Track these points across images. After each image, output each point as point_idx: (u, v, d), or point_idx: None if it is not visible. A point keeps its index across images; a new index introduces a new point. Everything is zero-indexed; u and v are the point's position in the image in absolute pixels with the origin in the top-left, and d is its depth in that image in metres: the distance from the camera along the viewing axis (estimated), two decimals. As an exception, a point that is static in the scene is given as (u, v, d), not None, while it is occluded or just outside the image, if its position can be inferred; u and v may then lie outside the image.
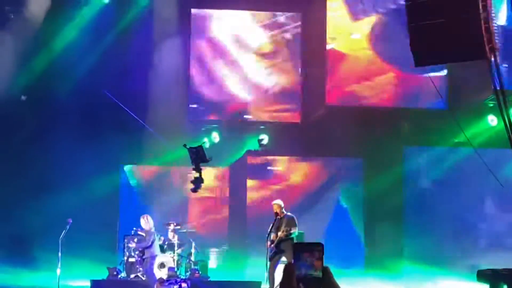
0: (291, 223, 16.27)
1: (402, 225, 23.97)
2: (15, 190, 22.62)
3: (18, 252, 20.65)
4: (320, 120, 23.79)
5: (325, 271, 3.12)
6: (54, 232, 19.09)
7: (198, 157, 18.09)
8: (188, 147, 17.79)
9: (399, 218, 23.95)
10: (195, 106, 24.52)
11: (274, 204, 16.55)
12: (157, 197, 24.64)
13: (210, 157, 17.96)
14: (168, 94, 23.35)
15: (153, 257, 18.93)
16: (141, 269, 20.46)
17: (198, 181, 18.52)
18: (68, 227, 18.34)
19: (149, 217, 19.14)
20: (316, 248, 3.11)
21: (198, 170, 18.22)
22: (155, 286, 16.92)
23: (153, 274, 18.90)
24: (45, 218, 21.98)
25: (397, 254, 23.54)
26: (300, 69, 24.42)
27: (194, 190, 18.93)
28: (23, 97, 23.45)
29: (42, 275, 20.99)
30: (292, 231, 16.19)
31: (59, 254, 18.26)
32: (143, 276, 19.67)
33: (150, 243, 18.91)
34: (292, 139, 23.50)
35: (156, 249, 19.01)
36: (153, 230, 18.98)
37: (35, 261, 21.51)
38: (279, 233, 16.17)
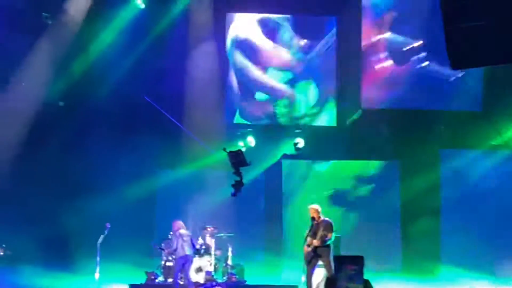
0: (328, 228, 16.22)
1: (439, 228, 23.84)
2: (54, 195, 22.79)
3: (57, 257, 20.80)
4: (356, 123, 23.75)
5: (366, 284, 3.13)
6: (93, 237, 19.24)
7: (238, 161, 18.11)
8: (228, 151, 17.83)
9: (437, 221, 23.82)
10: (230, 110, 24.55)
11: (311, 208, 16.51)
12: (194, 201, 24.70)
13: (250, 161, 17.99)
14: (204, 98, 23.43)
15: (179, 259, 19.04)
16: (178, 273, 20.54)
17: (238, 185, 18.57)
18: (106, 231, 18.47)
19: (177, 221, 19.31)
20: (357, 261, 3.11)
21: (239, 174, 18.24)
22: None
23: (176, 277, 19.08)
24: (84, 223, 22.14)
25: (434, 257, 23.41)
26: (336, 72, 24.38)
27: (234, 194, 18.97)
28: (61, 103, 23.64)
29: (81, 279, 21.12)
30: (328, 237, 16.14)
31: (98, 258, 18.39)
32: (181, 280, 19.78)
33: (175, 246, 19.04)
34: (328, 143, 23.47)
35: (183, 250, 19.08)
36: (179, 233, 19.09)
37: (74, 266, 21.66)
38: (315, 241, 16.13)
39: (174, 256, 19.33)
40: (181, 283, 19.87)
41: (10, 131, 22.24)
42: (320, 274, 17.58)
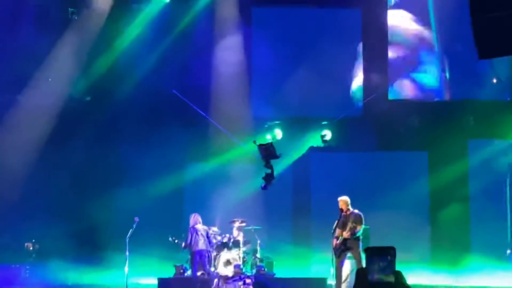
0: (357, 220, 16.14)
1: (469, 218, 23.68)
2: (82, 189, 22.91)
3: (87, 251, 20.90)
4: (383, 114, 23.66)
5: (398, 275, 3.04)
6: (121, 231, 19.31)
7: (269, 154, 18.13)
8: (258, 144, 17.85)
9: (466, 211, 23.67)
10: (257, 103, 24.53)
11: (340, 200, 16.43)
12: (222, 194, 24.71)
13: (280, 153, 18.00)
14: (230, 92, 23.43)
15: (194, 253, 19.12)
16: (208, 266, 20.61)
17: (269, 178, 18.58)
18: (134, 225, 18.52)
19: (193, 215, 19.36)
20: (388, 252, 3.01)
21: (269, 167, 18.25)
22: (219, 283, 16.98)
23: (195, 270, 19.15)
24: (112, 217, 22.23)
25: (464, 247, 23.27)
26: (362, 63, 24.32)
27: (265, 187, 19.01)
28: (87, 98, 23.74)
29: (110, 273, 21.22)
30: (357, 229, 16.06)
31: (127, 252, 18.45)
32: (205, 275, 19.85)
33: (189, 240, 19.11)
34: (355, 134, 23.39)
35: (197, 245, 19.16)
36: (195, 227, 19.15)
37: (103, 260, 21.75)
38: (344, 233, 16.05)
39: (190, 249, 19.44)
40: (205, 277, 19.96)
41: (38, 127, 22.36)
42: (349, 266, 17.55)
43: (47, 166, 22.56)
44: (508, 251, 22.76)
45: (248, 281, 16.79)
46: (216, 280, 18.21)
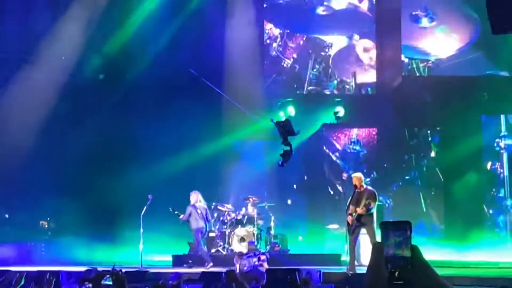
0: (371, 197, 16.14)
1: (481, 195, 23.67)
2: (96, 167, 22.98)
3: (101, 229, 21.02)
4: (396, 91, 23.63)
5: (414, 250, 3.03)
6: (136, 208, 19.41)
7: (286, 131, 18.15)
8: (275, 121, 17.89)
9: (479, 188, 23.65)
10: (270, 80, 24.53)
11: (354, 177, 16.43)
12: (236, 171, 24.77)
13: (298, 130, 18.04)
14: (244, 69, 23.41)
15: (198, 230, 19.21)
16: (221, 243, 20.70)
17: (287, 155, 18.61)
18: (149, 203, 18.59)
19: (194, 193, 19.40)
20: (404, 227, 3.00)
21: (287, 144, 18.28)
22: (234, 260, 17.02)
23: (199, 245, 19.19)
24: (126, 195, 22.33)
25: (477, 224, 23.27)
26: (375, 40, 24.27)
27: (282, 164, 19.03)
28: (100, 76, 23.78)
29: (125, 250, 21.35)
30: (371, 206, 16.07)
31: (141, 230, 18.55)
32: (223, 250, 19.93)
33: (186, 216, 19.20)
34: (368, 111, 23.38)
35: (195, 223, 19.25)
36: (194, 204, 19.21)
37: (118, 237, 21.88)
38: (359, 209, 16.06)
39: (193, 227, 19.46)
40: (224, 252, 20.10)
41: (52, 105, 22.41)
42: (363, 242, 17.58)
43: (61, 144, 22.64)
44: None
45: (262, 257, 16.79)
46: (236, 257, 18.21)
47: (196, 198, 19.61)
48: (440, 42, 24.03)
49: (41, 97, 22.35)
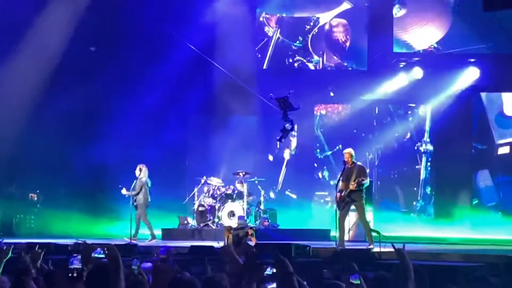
0: (362, 173, 16.12)
1: (472, 174, 23.70)
2: (88, 141, 22.92)
3: (91, 203, 21.00)
4: (387, 67, 23.59)
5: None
6: (126, 182, 19.39)
7: (286, 106, 18.15)
8: (274, 98, 17.90)
9: (468, 166, 23.68)
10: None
11: (345, 152, 16.39)
12: (226, 146, 24.77)
13: (299, 105, 18.05)
14: (237, 44, 23.30)
15: (144, 205, 19.13)
16: (211, 218, 20.72)
17: (287, 131, 18.63)
18: (139, 177, 18.55)
19: (144, 167, 19.31)
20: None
21: (288, 119, 18.29)
22: (223, 234, 17.05)
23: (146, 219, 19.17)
24: (117, 168, 22.30)
25: (465, 201, 23.34)
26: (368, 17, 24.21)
27: (280, 139, 19.08)
28: (92, 48, 23.67)
29: (114, 224, 21.36)
30: (364, 182, 16.06)
31: (131, 203, 18.53)
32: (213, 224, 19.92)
33: (138, 190, 19.10)
34: (358, 87, 23.39)
35: (145, 197, 19.18)
36: (144, 179, 19.15)
37: (108, 211, 21.89)
38: (350, 185, 16.04)
39: (139, 202, 19.30)
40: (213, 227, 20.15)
41: (41, 78, 22.31)
42: (352, 218, 17.61)
43: (52, 117, 22.55)
44: None
45: (251, 231, 16.82)
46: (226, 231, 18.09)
47: (145, 172, 19.45)
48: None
49: (29, 70, 22.21)
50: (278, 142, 20.63)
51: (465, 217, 22.54)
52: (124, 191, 19.21)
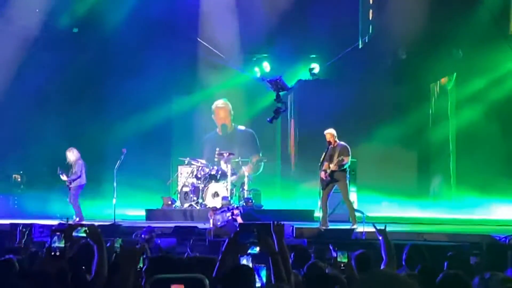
0: (344, 152, 16.15)
1: (454, 151, 23.71)
2: (70, 121, 22.87)
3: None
4: (371, 47, 23.49)
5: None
6: (110, 162, 19.35)
7: (279, 87, 18.14)
8: (267, 80, 17.90)
9: (449, 144, 23.71)
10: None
11: (327, 133, 16.39)
12: (209, 127, 24.77)
13: (292, 86, 18.09)
14: (219, 24, 23.23)
15: (81, 186, 19.08)
16: (195, 198, 20.73)
17: (279, 112, 18.63)
18: (122, 157, 18.51)
19: (74, 149, 19.22)
20: None
21: (280, 100, 18.27)
22: (208, 214, 17.05)
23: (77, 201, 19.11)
24: (100, 148, 22.26)
25: (448, 181, 23.40)
26: None
27: (271, 121, 19.08)
28: (75, 29, 23.54)
29: (98, 204, 21.32)
30: (345, 162, 16.08)
31: (114, 184, 18.50)
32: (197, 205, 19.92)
33: (79, 173, 19.03)
34: (345, 67, 23.28)
35: (82, 179, 19.13)
36: (80, 161, 19.08)
37: (92, 191, 21.82)
38: (331, 165, 16.09)
39: (74, 184, 19.20)
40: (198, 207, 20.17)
41: (23, 56, 22.19)
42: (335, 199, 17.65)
43: (34, 98, 22.47)
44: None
45: (236, 212, 16.83)
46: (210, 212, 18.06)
47: (78, 154, 19.33)
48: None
49: (13, 51, 22.09)
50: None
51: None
52: (64, 177, 19.07)
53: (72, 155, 19.13)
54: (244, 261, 6.45)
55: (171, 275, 3.04)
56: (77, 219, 18.71)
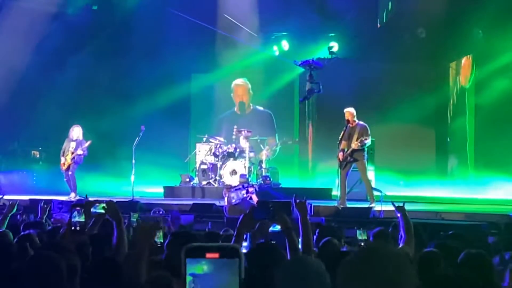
0: (364, 132, 16.10)
1: (473, 131, 23.63)
2: (90, 99, 22.96)
3: (94, 159, 20.95)
4: (390, 27, 23.39)
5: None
6: (129, 140, 19.40)
7: (312, 68, 18.23)
8: (299, 63, 18.00)
9: (470, 124, 23.62)
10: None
11: (346, 111, 16.34)
12: (227, 105, 24.81)
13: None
14: (237, 3, 23.18)
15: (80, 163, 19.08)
16: (213, 176, 20.77)
17: (312, 92, 18.69)
18: (141, 134, 18.56)
19: (79, 126, 19.16)
20: None
21: (313, 81, 18.33)
22: (223, 192, 17.10)
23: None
24: (120, 126, 22.33)
25: (468, 161, 23.33)
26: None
27: (302, 100, 19.14)
28: (94, 7, 23.56)
29: (117, 181, 21.41)
30: (366, 141, 16.04)
31: (133, 161, 18.56)
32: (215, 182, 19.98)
33: (87, 151, 19.03)
34: (363, 46, 23.18)
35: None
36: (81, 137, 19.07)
37: (110, 168, 21.92)
38: (352, 144, 16.03)
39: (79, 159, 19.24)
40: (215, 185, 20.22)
41: (43, 34, 22.22)
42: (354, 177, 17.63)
43: (55, 75, 22.54)
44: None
45: (251, 189, 16.84)
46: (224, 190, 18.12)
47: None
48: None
49: (32, 25, 22.11)
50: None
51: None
52: (80, 151, 19.03)
53: (80, 131, 19.12)
54: None
55: (207, 243, 3.06)
56: (74, 194, 18.73)
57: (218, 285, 2.94)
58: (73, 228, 6.98)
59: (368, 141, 16.12)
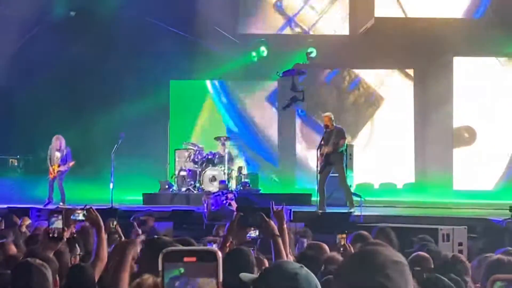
0: (340, 135, 16.18)
1: (451, 138, 23.76)
2: (68, 106, 22.87)
3: (73, 167, 20.86)
4: (369, 32, 23.51)
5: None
6: (107, 147, 19.33)
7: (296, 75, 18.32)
8: (281, 75, 18.15)
9: (450, 130, 23.74)
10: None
11: (325, 116, 16.44)
12: (208, 110, 24.80)
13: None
14: (217, 7, 23.16)
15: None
16: (192, 182, 20.72)
17: (295, 100, 18.74)
18: (120, 141, 18.49)
19: (60, 136, 19.18)
20: None
21: (296, 89, 18.36)
22: (202, 199, 17.12)
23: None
24: (98, 133, 22.25)
25: (447, 168, 23.38)
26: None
27: (284, 108, 19.16)
28: (72, 13, 23.48)
29: (95, 188, 21.30)
30: (341, 144, 16.10)
31: (112, 168, 18.49)
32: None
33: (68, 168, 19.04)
34: (340, 52, 23.27)
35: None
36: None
37: (88, 175, 21.83)
38: (326, 148, 16.10)
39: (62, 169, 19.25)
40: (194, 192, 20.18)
41: (19, 43, 22.14)
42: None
43: (32, 83, 22.44)
44: None
45: (230, 196, 16.89)
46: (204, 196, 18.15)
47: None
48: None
49: (9, 36, 22.03)
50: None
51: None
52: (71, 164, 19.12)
53: (63, 141, 19.09)
54: None
55: (183, 247, 3.06)
56: (62, 203, 18.67)
57: (195, 289, 2.94)
58: (50, 235, 6.93)
59: (342, 144, 16.17)
